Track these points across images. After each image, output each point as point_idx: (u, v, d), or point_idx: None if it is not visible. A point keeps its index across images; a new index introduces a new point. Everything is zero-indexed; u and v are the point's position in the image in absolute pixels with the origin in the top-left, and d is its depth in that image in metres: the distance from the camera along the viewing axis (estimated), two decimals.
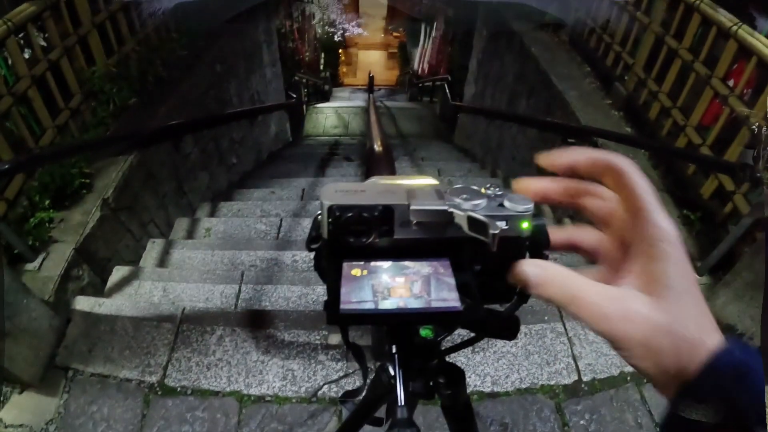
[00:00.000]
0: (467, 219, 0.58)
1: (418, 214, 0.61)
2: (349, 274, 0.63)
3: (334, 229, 0.61)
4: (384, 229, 0.62)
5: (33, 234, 2.89)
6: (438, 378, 0.96)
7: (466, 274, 0.64)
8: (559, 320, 2.80)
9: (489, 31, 7.90)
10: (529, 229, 0.61)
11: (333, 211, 0.60)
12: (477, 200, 0.60)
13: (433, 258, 0.64)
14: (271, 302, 3.13)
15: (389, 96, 16.89)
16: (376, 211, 0.61)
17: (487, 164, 7.42)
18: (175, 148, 4.33)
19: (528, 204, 0.61)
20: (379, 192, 0.64)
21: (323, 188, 0.62)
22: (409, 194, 0.63)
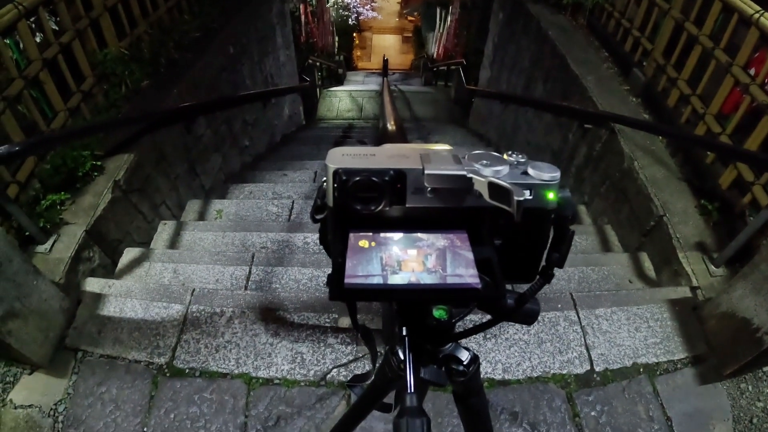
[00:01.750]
0: (488, 185, 0.55)
1: (434, 179, 0.57)
2: (356, 246, 0.58)
3: (340, 195, 0.57)
4: (395, 196, 0.58)
5: (44, 216, 2.89)
6: (451, 364, 0.89)
7: (486, 249, 0.60)
8: (572, 308, 2.77)
9: (505, 15, 7.79)
10: (554, 200, 0.58)
11: (339, 175, 0.56)
12: (499, 166, 0.57)
13: (449, 230, 0.60)
14: (281, 284, 3.12)
15: (404, 80, 16.80)
16: (386, 175, 0.57)
17: (501, 149, 7.35)
18: (188, 130, 4.32)
19: (555, 172, 0.59)
20: (390, 156, 0.60)
21: (329, 152, 0.58)
22: (424, 158, 0.59)
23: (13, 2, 3.02)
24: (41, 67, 3.24)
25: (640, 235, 3.52)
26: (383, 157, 0.59)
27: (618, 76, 4.81)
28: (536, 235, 0.60)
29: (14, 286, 2.24)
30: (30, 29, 3.21)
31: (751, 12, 3.27)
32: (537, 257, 0.65)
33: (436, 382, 0.90)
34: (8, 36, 3.08)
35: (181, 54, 4.65)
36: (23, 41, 3.16)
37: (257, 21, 6.82)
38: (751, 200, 3.09)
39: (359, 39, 21.54)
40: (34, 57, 3.20)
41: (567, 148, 4.88)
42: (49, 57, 3.32)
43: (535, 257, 0.64)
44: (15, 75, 3.04)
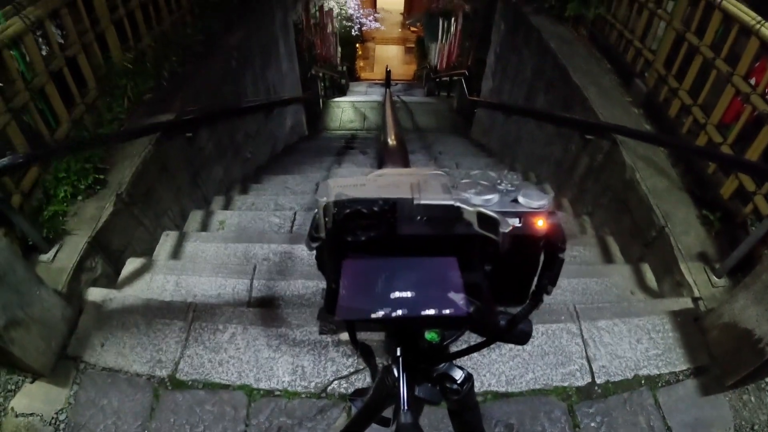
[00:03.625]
0: (476, 215, 0.56)
1: (424, 209, 0.58)
2: (349, 274, 0.59)
3: (333, 226, 0.58)
4: (386, 225, 0.58)
5: (47, 225, 2.90)
6: (445, 382, 0.91)
7: (475, 274, 0.61)
8: (574, 321, 2.77)
9: (507, 26, 7.83)
10: (544, 228, 0.59)
11: (331, 207, 0.58)
12: (488, 195, 0.58)
13: (439, 256, 0.61)
14: (283, 296, 3.12)
15: (406, 91, 16.86)
16: (376, 206, 0.58)
17: (504, 159, 7.38)
18: (189, 142, 4.33)
19: (544, 200, 0.59)
20: (380, 186, 0.61)
21: (320, 184, 0.60)
22: (414, 188, 0.60)
23: (19, 15, 3.05)
24: (47, 80, 3.27)
25: (642, 245, 3.52)
26: (374, 187, 0.60)
27: (620, 86, 4.83)
28: (526, 260, 0.62)
29: (17, 295, 2.25)
30: (36, 42, 3.24)
31: (751, 22, 3.28)
32: (527, 282, 0.66)
33: (431, 400, 0.91)
34: (15, 48, 3.11)
35: (184, 66, 4.69)
36: (29, 54, 3.18)
37: (260, 32, 6.87)
38: (753, 210, 3.09)
39: (362, 49, 21.63)
40: (39, 69, 3.22)
41: (569, 158, 4.89)
42: (54, 69, 3.35)
43: (525, 282, 0.66)
44: (21, 87, 3.06)
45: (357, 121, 11.73)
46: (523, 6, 6.77)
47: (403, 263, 0.60)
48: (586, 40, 5.79)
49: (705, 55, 3.78)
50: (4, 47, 2.92)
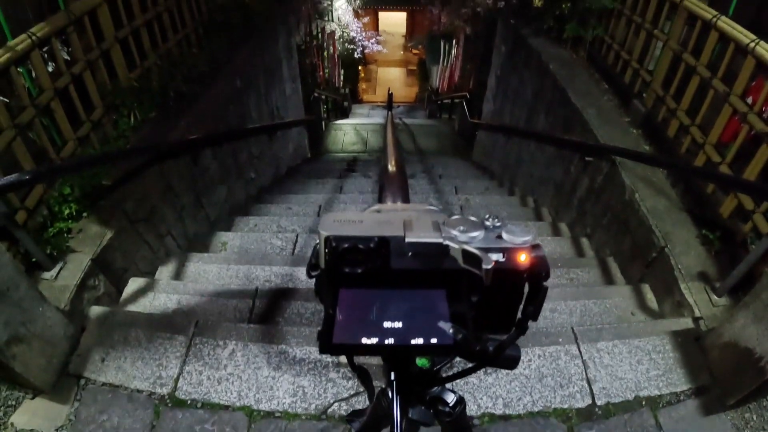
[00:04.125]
0: (462, 252, 0.61)
1: (414, 246, 0.63)
2: (345, 303, 0.65)
3: (331, 258, 0.63)
4: (380, 259, 0.63)
5: (51, 243, 2.93)
6: (437, 405, 0.96)
7: (462, 305, 0.66)
8: (573, 342, 2.77)
9: (507, 48, 7.91)
10: (527, 262, 0.62)
11: (330, 241, 0.63)
12: (474, 232, 0.63)
13: (428, 288, 0.66)
14: (284, 318, 3.14)
15: (408, 113, 16.98)
16: (372, 242, 0.63)
17: (505, 181, 7.41)
18: (194, 162, 4.37)
19: (527, 236, 0.63)
20: (375, 223, 0.66)
21: (322, 218, 0.65)
22: (406, 225, 0.65)
23: (27, 32, 3.10)
24: (53, 96, 3.32)
25: (642, 266, 3.53)
26: (370, 224, 0.65)
27: (618, 107, 4.88)
28: (511, 292, 0.66)
29: (20, 312, 2.27)
30: (42, 58, 3.29)
31: (746, 41, 3.33)
32: (513, 311, 0.69)
33: (424, 422, 0.97)
34: (21, 64, 3.16)
35: (190, 86, 4.74)
36: (36, 70, 3.24)
37: (264, 54, 6.95)
38: (753, 228, 3.12)
39: (365, 72, 21.83)
40: (46, 86, 3.28)
41: (569, 180, 4.92)
42: (60, 87, 3.40)
43: (510, 311, 0.69)
44: (27, 103, 3.11)
45: (359, 143, 11.80)
46: (523, 28, 6.87)
47: (395, 295, 0.65)
48: (585, 62, 5.86)
49: (702, 75, 3.82)
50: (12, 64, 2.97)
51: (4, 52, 2.92)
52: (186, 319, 2.96)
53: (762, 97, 3.24)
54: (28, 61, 3.16)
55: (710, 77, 3.73)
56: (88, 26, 3.74)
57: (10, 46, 2.98)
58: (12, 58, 2.96)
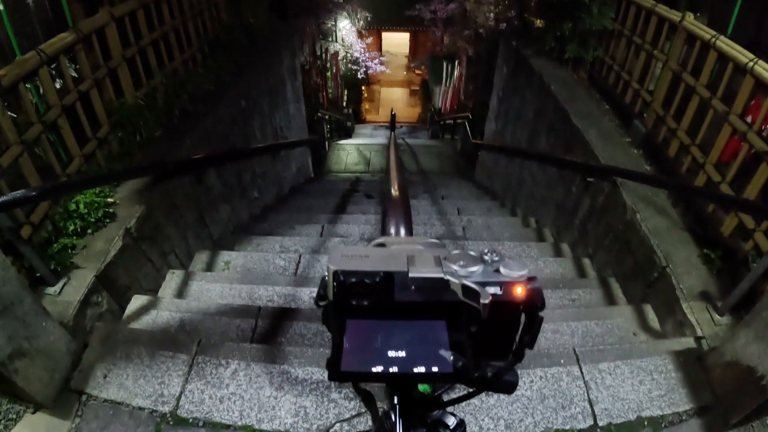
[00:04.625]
0: (461, 287, 0.65)
1: (416, 281, 0.67)
2: (352, 332, 0.68)
3: (338, 291, 0.67)
4: (385, 292, 0.67)
5: (55, 258, 2.95)
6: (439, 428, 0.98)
7: (461, 334, 0.69)
8: (575, 363, 2.76)
9: (509, 69, 7.98)
10: (523, 294, 0.66)
11: (338, 276, 0.67)
12: (473, 267, 0.67)
13: (430, 319, 0.69)
14: (286, 338, 3.14)
15: (411, 133, 17.07)
16: (377, 277, 0.67)
17: (507, 202, 7.43)
18: (198, 181, 4.40)
19: (523, 270, 0.67)
20: (381, 258, 0.70)
21: (330, 252, 0.69)
22: (409, 260, 0.69)
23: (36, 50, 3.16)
24: (60, 113, 3.36)
25: (644, 286, 3.53)
26: (375, 259, 0.69)
27: (619, 128, 4.92)
28: (508, 322, 0.69)
29: (23, 326, 2.28)
30: (50, 75, 3.34)
31: (745, 60, 3.37)
32: (510, 340, 0.73)
33: None
34: (30, 81, 3.21)
35: (195, 105, 4.80)
36: (43, 87, 3.28)
37: (269, 75, 7.03)
38: (754, 246, 3.13)
39: (368, 92, 21.97)
40: (53, 103, 3.32)
41: (571, 201, 4.94)
42: (67, 104, 3.45)
43: (508, 340, 0.73)
44: (34, 119, 3.15)
45: (362, 163, 11.85)
46: (524, 49, 6.93)
47: (399, 325, 0.69)
48: (586, 82, 5.91)
49: (702, 95, 3.86)
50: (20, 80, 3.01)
51: (13, 68, 2.97)
52: (189, 337, 2.97)
53: (761, 115, 3.27)
54: (36, 77, 3.21)
55: (710, 97, 3.77)
56: (95, 44, 3.80)
57: (19, 62, 3.03)
58: (20, 74, 3.00)
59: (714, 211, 3.57)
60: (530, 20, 7.54)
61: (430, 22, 11.84)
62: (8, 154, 2.91)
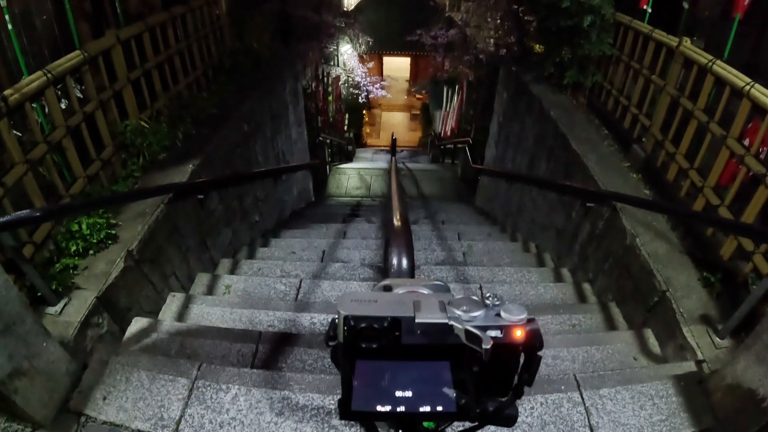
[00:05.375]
0: (464, 332, 0.69)
1: (422, 326, 0.71)
2: (361, 373, 0.72)
3: (349, 335, 0.71)
4: (392, 336, 0.72)
5: (57, 278, 2.96)
6: None
7: (464, 373, 0.73)
8: (576, 389, 2.75)
9: (509, 95, 8.05)
10: (522, 336, 0.70)
11: (348, 320, 0.71)
12: (475, 312, 0.71)
13: (434, 360, 0.73)
14: (287, 364, 3.12)
15: (412, 157, 17.14)
16: (385, 322, 0.71)
17: (507, 227, 7.45)
18: (201, 204, 4.43)
19: (522, 314, 0.71)
20: (388, 303, 0.75)
21: (341, 296, 0.73)
22: (416, 306, 0.73)
23: (43, 70, 3.21)
24: (65, 134, 3.40)
25: (644, 310, 3.53)
26: (383, 304, 0.74)
27: (618, 153, 4.95)
28: (508, 362, 0.73)
29: (24, 346, 2.28)
30: (56, 95, 3.38)
31: (741, 84, 3.42)
32: (510, 378, 0.77)
33: None
34: (35, 101, 3.25)
35: (198, 129, 4.84)
36: (49, 107, 3.33)
37: (271, 99, 7.10)
38: (753, 269, 3.13)
39: (369, 116, 22.07)
40: (59, 123, 3.36)
41: (570, 226, 4.95)
42: (72, 125, 3.49)
43: (508, 378, 0.77)
44: (39, 139, 3.19)
45: (362, 188, 11.89)
46: (524, 75, 7.00)
47: (405, 365, 0.73)
48: (585, 108, 5.97)
49: (699, 119, 3.90)
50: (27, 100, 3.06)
51: (20, 87, 3.02)
52: (189, 361, 2.95)
53: (758, 138, 3.30)
54: (43, 97, 3.25)
55: (708, 121, 3.81)
56: (102, 66, 3.85)
57: (26, 82, 3.08)
58: (27, 94, 3.05)
59: (713, 234, 3.59)
60: (530, 46, 7.64)
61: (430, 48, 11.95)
62: (13, 173, 2.95)
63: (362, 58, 17.15)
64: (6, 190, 2.89)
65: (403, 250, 1.48)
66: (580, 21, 5.52)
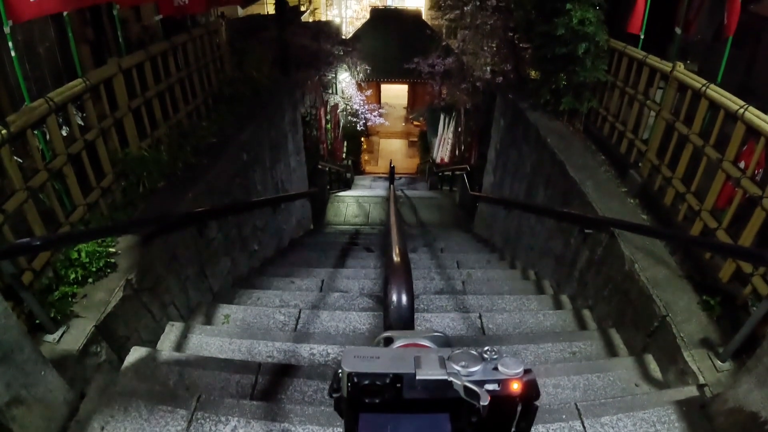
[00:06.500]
0: (463, 387, 0.71)
1: (423, 382, 0.74)
2: (364, 425, 0.75)
3: (352, 391, 0.74)
4: (394, 391, 0.74)
5: (56, 306, 2.95)
6: None
7: (463, 423, 0.76)
8: (577, 418, 2.72)
9: (506, 122, 8.13)
10: (519, 389, 0.73)
11: (352, 377, 0.74)
12: (473, 367, 0.74)
13: (434, 412, 0.76)
14: (286, 395, 3.09)
15: (410, 185, 17.19)
16: (387, 378, 0.74)
17: (506, 254, 7.44)
18: (200, 233, 4.44)
19: (519, 368, 0.74)
20: (390, 359, 0.77)
21: (344, 353, 0.77)
22: (416, 362, 0.76)
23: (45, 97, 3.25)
24: (65, 161, 3.43)
25: (644, 336, 3.52)
26: (385, 360, 0.77)
27: (615, 178, 4.99)
28: (505, 413, 0.75)
29: (22, 374, 2.27)
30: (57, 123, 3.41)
31: (735, 107, 3.46)
32: (508, 427, 0.79)
33: None
34: (37, 127, 3.28)
35: (198, 158, 4.87)
36: (50, 134, 3.36)
37: (270, 128, 7.16)
38: (752, 290, 3.13)
39: (367, 143, 22.20)
40: (59, 151, 3.39)
41: (569, 252, 4.96)
42: (73, 152, 3.52)
43: (506, 427, 0.79)
44: (40, 166, 3.21)
45: (361, 216, 11.91)
46: (521, 102, 7.09)
47: (406, 418, 0.76)
48: (581, 134, 6.03)
49: (695, 143, 3.93)
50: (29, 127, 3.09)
51: (22, 114, 3.05)
52: (188, 392, 2.93)
53: (754, 160, 3.34)
54: (44, 124, 3.29)
55: (703, 145, 3.84)
56: (103, 94, 3.90)
57: (28, 109, 3.12)
58: (29, 121, 3.09)
59: (712, 257, 3.59)
60: (526, 73, 7.74)
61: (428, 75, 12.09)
62: (13, 200, 2.96)
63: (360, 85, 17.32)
64: (6, 216, 2.90)
65: (403, 288, 1.50)
66: (575, 48, 5.62)
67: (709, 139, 3.82)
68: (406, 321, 1.43)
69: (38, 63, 3.87)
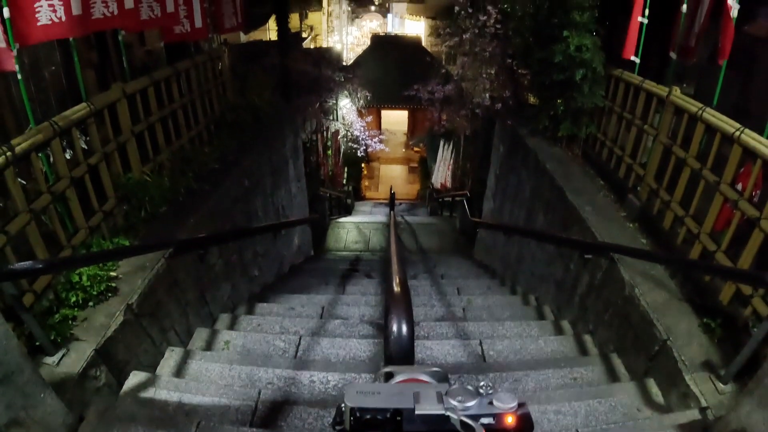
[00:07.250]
0: (459, 422, 0.75)
1: (421, 417, 0.77)
2: None
3: (355, 425, 0.78)
4: (395, 424, 0.78)
5: (56, 329, 2.95)
6: None
7: None
8: None
9: (506, 148, 8.19)
10: (513, 423, 0.77)
11: (354, 411, 0.78)
12: (470, 402, 0.78)
13: None
14: (286, 422, 3.07)
15: (410, 210, 17.21)
16: (388, 413, 0.77)
17: (506, 280, 7.43)
18: (201, 259, 4.45)
19: (513, 403, 0.78)
20: (390, 394, 0.82)
21: (346, 389, 0.81)
22: (415, 397, 0.80)
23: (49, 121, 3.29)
24: (68, 185, 3.46)
25: (646, 360, 3.50)
26: (386, 395, 0.81)
27: (614, 203, 5.02)
28: None
29: (22, 396, 2.27)
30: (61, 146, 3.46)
31: (731, 130, 3.50)
32: None
33: None
34: (41, 150, 3.32)
35: (200, 184, 4.91)
36: (54, 157, 3.40)
37: (272, 154, 7.21)
38: (753, 312, 3.13)
39: (367, 169, 22.31)
40: (63, 174, 3.43)
41: (569, 278, 4.97)
42: (77, 176, 3.56)
43: None
44: (44, 189, 3.24)
45: (361, 242, 11.90)
46: (520, 128, 7.15)
47: None
48: (580, 159, 6.07)
49: (692, 167, 3.97)
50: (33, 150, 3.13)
51: (27, 137, 3.10)
52: (187, 418, 2.91)
53: (751, 182, 3.36)
54: (48, 147, 3.33)
55: (700, 168, 3.88)
56: (107, 119, 3.95)
57: (33, 132, 3.16)
58: (34, 143, 3.13)
59: (711, 279, 3.60)
60: (525, 99, 7.83)
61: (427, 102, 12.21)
62: (16, 222, 2.99)
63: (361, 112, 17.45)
64: (9, 238, 2.92)
65: (403, 318, 1.53)
66: (572, 74, 5.69)
67: (706, 161, 3.85)
68: (407, 351, 1.46)
69: (43, 86, 3.92)
